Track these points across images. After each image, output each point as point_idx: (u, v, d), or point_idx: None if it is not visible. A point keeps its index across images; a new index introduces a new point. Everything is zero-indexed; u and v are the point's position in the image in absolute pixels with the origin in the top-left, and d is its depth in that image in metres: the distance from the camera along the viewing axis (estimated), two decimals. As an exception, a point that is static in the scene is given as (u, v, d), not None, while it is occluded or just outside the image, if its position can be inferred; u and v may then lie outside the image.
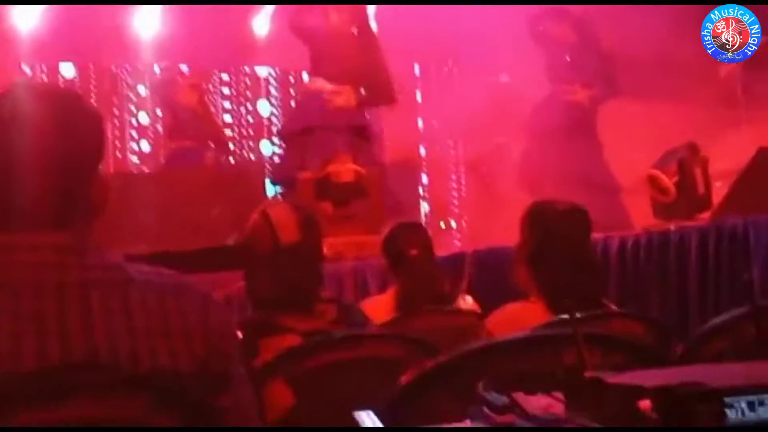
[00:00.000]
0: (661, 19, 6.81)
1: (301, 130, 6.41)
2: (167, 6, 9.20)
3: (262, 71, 10.15)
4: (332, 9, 6.62)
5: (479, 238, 7.15)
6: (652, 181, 5.00)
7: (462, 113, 8.41)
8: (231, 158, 9.21)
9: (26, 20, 8.83)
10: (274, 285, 2.64)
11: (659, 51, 7.22)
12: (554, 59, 6.94)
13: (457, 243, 9.02)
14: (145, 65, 9.58)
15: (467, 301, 3.72)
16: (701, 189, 4.91)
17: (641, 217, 5.75)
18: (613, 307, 2.85)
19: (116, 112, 9.63)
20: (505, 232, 3.59)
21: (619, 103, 7.21)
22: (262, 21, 9.65)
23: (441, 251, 5.38)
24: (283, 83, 10.18)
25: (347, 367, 2.38)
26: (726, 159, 6.29)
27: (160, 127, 9.50)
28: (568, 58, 6.86)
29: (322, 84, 6.47)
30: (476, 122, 8.14)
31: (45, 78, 9.30)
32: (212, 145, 8.15)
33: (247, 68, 10.10)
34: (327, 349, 2.39)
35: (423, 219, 9.01)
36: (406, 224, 3.87)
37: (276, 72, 10.09)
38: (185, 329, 1.45)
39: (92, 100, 9.43)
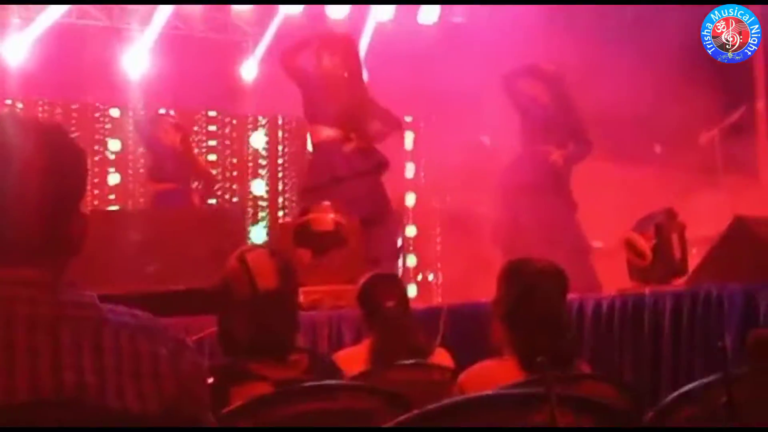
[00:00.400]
0: (641, 80, 6.92)
1: (329, 182, 6.41)
2: (156, 45, 9.27)
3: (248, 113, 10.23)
4: (325, 52, 6.70)
5: (458, 293, 7.17)
6: (629, 244, 5.03)
7: (448, 167, 8.48)
8: (215, 200, 9.23)
9: (13, 55, 8.84)
10: (248, 331, 2.62)
11: (638, 113, 7.32)
12: (528, 118, 7.01)
13: (438, 297, 9.05)
14: (130, 104, 9.61)
15: (441, 356, 3.71)
16: (677, 254, 4.93)
17: (616, 279, 5.78)
18: (586, 368, 2.85)
19: (98, 148, 9.65)
20: (484, 288, 3.60)
21: (597, 164, 7.28)
22: (250, 65, 9.74)
23: (418, 304, 5.40)
24: (271, 126, 10.27)
25: (318, 418, 2.37)
26: (703, 225, 6.35)
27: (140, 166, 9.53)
28: (541, 117, 6.93)
29: (330, 132, 6.52)
30: (461, 177, 8.21)
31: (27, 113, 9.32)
32: (197, 187, 8.14)
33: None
34: (298, 400, 2.38)
35: (401, 270, 9.03)
36: (382, 276, 3.88)
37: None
38: (156, 372, 1.45)
39: (74, 136, 9.46)
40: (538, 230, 6.54)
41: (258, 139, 10.25)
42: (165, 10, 9.13)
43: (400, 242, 9.09)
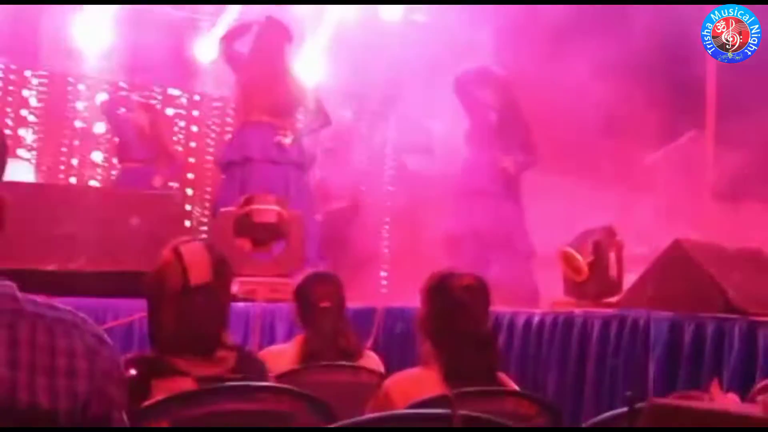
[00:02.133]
0: (595, 92, 6.98)
1: (241, 161, 6.43)
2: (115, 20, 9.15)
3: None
4: (262, 40, 6.71)
5: (400, 292, 7.19)
6: (566, 258, 5.08)
7: (399, 162, 8.49)
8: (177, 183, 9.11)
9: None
10: (176, 324, 2.60)
11: (587, 126, 7.39)
12: (477, 121, 7.08)
13: (382, 291, 9.06)
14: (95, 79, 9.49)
15: (371, 359, 3.72)
16: (613, 272, 4.99)
17: (549, 289, 5.85)
18: (512, 384, 2.88)
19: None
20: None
21: (542, 174, 7.35)
22: (207, 46, 9.65)
23: (353, 303, 5.39)
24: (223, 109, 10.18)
25: (238, 418, 2.36)
26: (643, 244, 6.44)
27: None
28: (490, 122, 6.99)
29: (263, 117, 6.51)
30: (411, 172, 8.22)
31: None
32: (161, 168, 8.04)
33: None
34: (219, 398, 2.37)
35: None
36: (320, 274, 3.87)
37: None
38: (70, 369, 1.43)
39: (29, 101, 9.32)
40: (490, 236, 6.62)
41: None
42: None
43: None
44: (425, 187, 7.83)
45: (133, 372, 2.50)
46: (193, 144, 9.94)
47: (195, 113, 10.05)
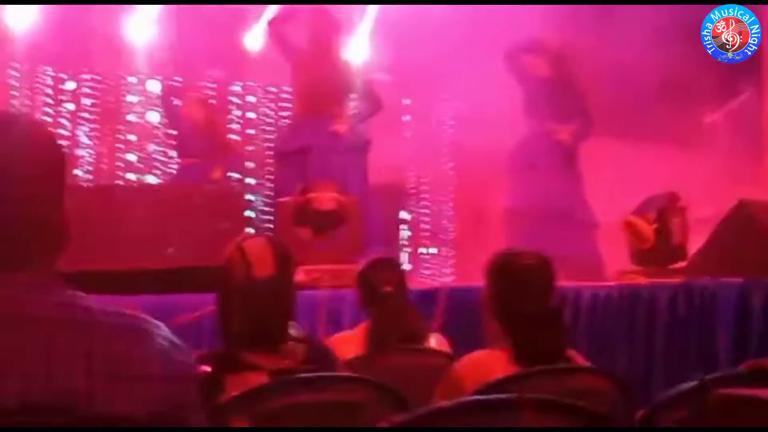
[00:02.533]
0: (645, 57, 6.87)
1: (299, 150, 6.47)
2: (164, 15, 9.24)
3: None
4: (312, 26, 6.71)
5: (461, 271, 7.18)
6: (631, 227, 5.05)
7: (450, 145, 8.45)
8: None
9: (21, 22, 8.84)
10: (244, 319, 2.64)
11: (641, 90, 7.28)
12: (531, 92, 7.00)
13: (438, 273, 9.06)
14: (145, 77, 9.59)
15: (438, 340, 3.74)
16: (678, 238, 4.95)
17: (615, 258, 5.79)
18: (581, 361, 2.86)
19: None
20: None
21: (599, 142, 7.26)
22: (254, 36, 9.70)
23: (416, 283, 5.42)
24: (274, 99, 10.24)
25: (312, 409, 2.39)
26: (706, 206, 6.33)
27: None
28: (544, 92, 6.91)
29: (318, 105, 6.54)
30: (465, 154, 8.18)
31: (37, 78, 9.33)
32: (220, 160, 8.07)
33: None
34: (292, 391, 2.40)
35: (403, 244, 9.05)
36: (380, 260, 3.89)
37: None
38: (146, 375, 1.44)
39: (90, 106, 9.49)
40: (550, 209, 6.57)
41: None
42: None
43: (405, 216, 9.14)
44: (482, 163, 7.78)
45: (206, 369, 2.55)
46: (251, 131, 10.00)
47: (250, 99, 10.11)
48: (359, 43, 8.69)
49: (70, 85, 9.44)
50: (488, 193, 7.66)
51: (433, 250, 9.75)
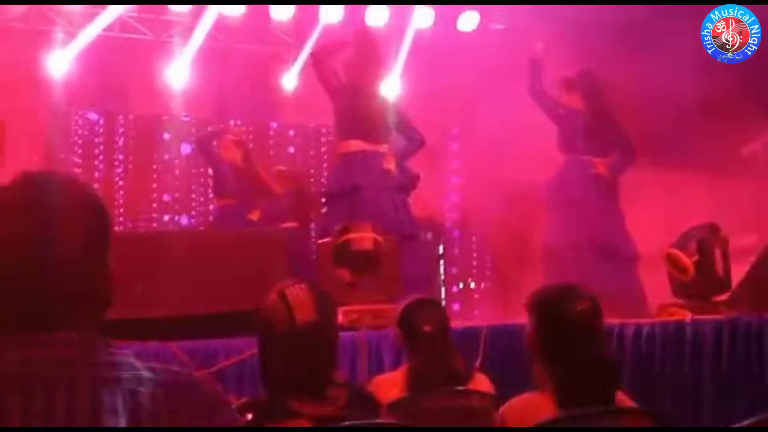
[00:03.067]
0: (683, 89, 6.83)
1: (348, 191, 6.47)
2: (198, 58, 9.38)
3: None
4: (358, 59, 6.71)
5: (503, 307, 7.12)
6: (671, 259, 4.99)
7: (492, 179, 8.43)
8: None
9: (59, 65, 9.02)
10: (286, 366, 2.64)
11: (681, 121, 7.23)
12: (567, 128, 6.96)
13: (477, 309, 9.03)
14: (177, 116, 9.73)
15: (481, 382, 3.70)
16: (720, 270, 4.88)
17: (657, 290, 5.73)
18: (629, 402, 2.80)
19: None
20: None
21: (639, 173, 7.20)
22: (291, 76, 9.82)
23: (457, 322, 5.39)
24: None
25: (355, 456, 2.38)
26: (749, 235, 6.26)
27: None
28: (579, 125, 6.88)
29: (361, 145, 6.55)
30: (506, 188, 8.16)
31: (76, 121, 9.50)
32: (259, 202, 8.12)
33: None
34: (335, 439, 2.40)
35: (442, 279, 9.04)
36: (420, 300, 3.87)
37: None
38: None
39: (120, 144, 9.64)
40: (590, 245, 6.51)
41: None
42: (206, 23, 9.22)
43: (441, 251, 9.13)
44: (524, 197, 7.75)
45: (249, 417, 2.56)
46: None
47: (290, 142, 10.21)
48: (394, 75, 8.77)
49: (107, 127, 9.61)
50: (525, 228, 7.62)
51: (473, 286, 9.75)
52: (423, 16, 9.77)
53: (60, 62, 9.00)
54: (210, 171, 8.89)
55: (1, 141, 7.02)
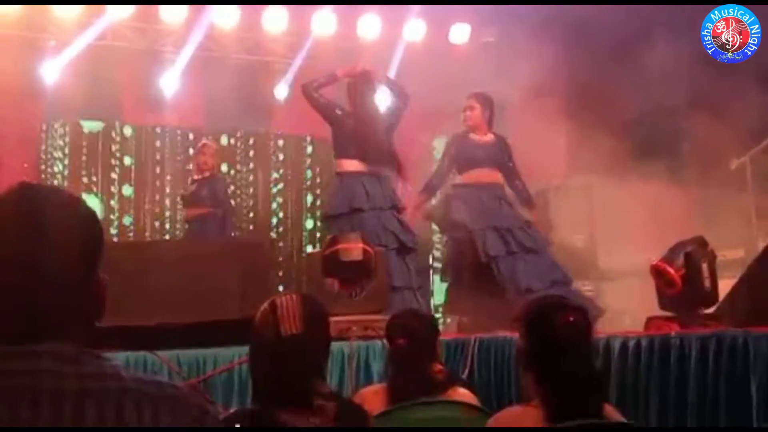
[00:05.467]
0: (670, 98, 6.86)
1: (350, 212, 6.53)
2: (188, 67, 9.39)
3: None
4: (353, 89, 6.80)
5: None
6: (658, 272, 5.01)
7: None
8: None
9: (50, 76, 9.02)
10: (272, 377, 2.63)
11: (669, 133, 7.27)
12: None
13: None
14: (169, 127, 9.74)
15: (462, 392, 3.68)
16: (707, 284, 4.91)
17: (645, 303, 5.75)
18: (617, 416, 2.80)
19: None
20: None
21: (627, 185, 7.24)
22: (283, 86, 9.84)
23: (447, 333, 5.41)
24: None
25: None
26: (736, 249, 6.30)
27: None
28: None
29: (362, 166, 6.63)
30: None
31: (67, 131, 9.49)
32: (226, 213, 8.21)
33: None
34: (323, 451, 2.40)
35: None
36: (403, 313, 3.89)
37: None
38: None
39: (116, 152, 9.63)
40: None
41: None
42: (198, 33, 9.25)
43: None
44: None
45: (237, 428, 2.55)
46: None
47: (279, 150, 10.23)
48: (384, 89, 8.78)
49: (99, 136, 9.61)
50: None
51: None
52: (414, 29, 9.81)
53: (52, 71, 9.01)
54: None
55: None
